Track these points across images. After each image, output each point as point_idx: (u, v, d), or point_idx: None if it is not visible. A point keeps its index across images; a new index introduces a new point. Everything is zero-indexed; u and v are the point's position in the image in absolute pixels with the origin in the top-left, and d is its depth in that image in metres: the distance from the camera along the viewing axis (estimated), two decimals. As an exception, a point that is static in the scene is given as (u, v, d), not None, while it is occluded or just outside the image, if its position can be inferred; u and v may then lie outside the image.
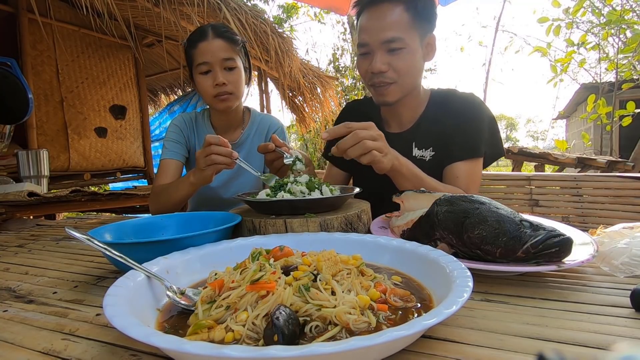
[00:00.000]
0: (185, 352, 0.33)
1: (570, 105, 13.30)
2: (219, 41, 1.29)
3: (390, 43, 1.07)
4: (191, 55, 1.32)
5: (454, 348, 0.41)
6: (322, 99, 4.83)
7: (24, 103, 2.23)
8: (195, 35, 1.32)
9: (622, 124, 4.39)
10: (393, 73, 1.10)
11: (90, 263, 0.84)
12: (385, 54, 1.09)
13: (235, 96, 1.34)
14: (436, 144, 1.19)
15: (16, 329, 0.51)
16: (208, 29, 1.30)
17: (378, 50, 1.09)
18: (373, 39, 1.08)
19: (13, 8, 3.01)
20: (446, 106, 1.20)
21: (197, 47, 1.29)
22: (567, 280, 0.61)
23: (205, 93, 1.32)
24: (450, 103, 1.20)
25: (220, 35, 1.29)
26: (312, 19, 10.08)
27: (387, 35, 1.06)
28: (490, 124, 1.19)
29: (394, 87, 1.12)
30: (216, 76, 1.28)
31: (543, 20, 4.80)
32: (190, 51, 1.32)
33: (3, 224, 1.43)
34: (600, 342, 0.41)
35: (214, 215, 0.91)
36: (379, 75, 1.10)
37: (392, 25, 1.06)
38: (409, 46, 1.08)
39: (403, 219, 0.79)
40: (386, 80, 1.11)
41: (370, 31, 1.09)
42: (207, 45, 1.28)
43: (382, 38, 1.07)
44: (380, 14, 1.08)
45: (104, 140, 3.74)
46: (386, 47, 1.08)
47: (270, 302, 0.43)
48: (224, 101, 1.32)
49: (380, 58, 1.08)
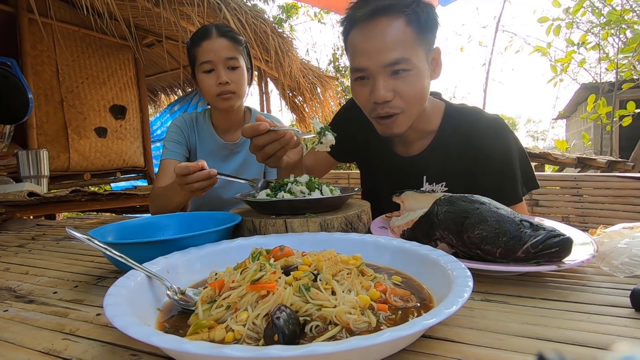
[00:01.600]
0: (186, 352, 0.33)
1: (570, 105, 13.30)
2: (223, 40, 1.29)
3: (394, 65, 0.90)
4: (194, 53, 1.32)
5: (454, 348, 0.41)
6: (322, 99, 4.84)
7: (24, 103, 2.23)
8: (199, 34, 1.32)
9: (622, 124, 4.39)
10: (400, 101, 0.93)
11: (91, 263, 0.84)
12: (388, 78, 0.91)
13: (238, 95, 1.34)
14: (451, 179, 1.03)
15: (16, 329, 0.51)
16: (212, 28, 1.31)
17: (380, 76, 0.91)
18: (373, 63, 0.91)
19: (13, 8, 3.01)
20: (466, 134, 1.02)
21: (201, 46, 1.29)
22: (567, 280, 0.61)
23: (208, 92, 1.32)
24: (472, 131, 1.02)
25: (223, 34, 1.30)
26: (312, 19, 10.08)
27: (389, 57, 0.89)
28: (522, 158, 1.03)
29: (401, 118, 0.95)
30: (219, 75, 1.28)
31: (543, 20, 4.80)
32: (193, 50, 1.32)
33: (3, 224, 1.43)
34: (600, 342, 0.41)
35: (214, 215, 0.91)
36: (384, 105, 0.93)
37: (394, 44, 0.89)
38: (416, 67, 0.91)
39: (403, 219, 0.79)
40: (392, 111, 0.94)
41: (369, 53, 0.91)
42: (210, 44, 1.28)
43: (384, 61, 0.89)
44: (378, 32, 0.90)
45: (104, 140, 3.74)
46: (389, 70, 0.91)
47: (270, 302, 0.43)
48: (226, 100, 1.32)
49: (384, 84, 0.91)
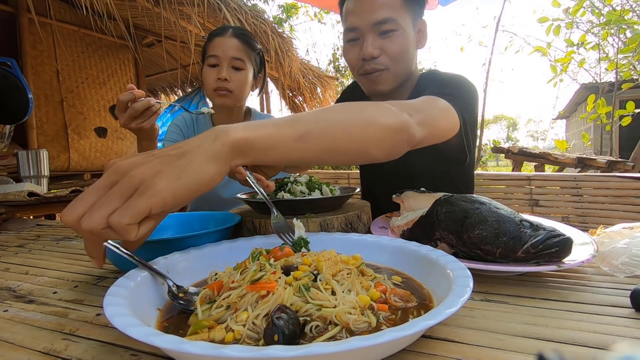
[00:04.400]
0: (185, 352, 0.33)
1: (570, 105, 13.31)
2: (234, 40, 1.33)
3: (382, 25, 0.99)
4: (206, 48, 1.37)
5: (454, 348, 0.41)
6: (322, 99, 4.84)
7: (24, 103, 2.23)
8: (216, 30, 1.37)
9: (622, 124, 4.39)
10: (386, 58, 1.02)
11: (91, 263, 0.84)
12: (376, 37, 1.00)
13: (235, 96, 1.35)
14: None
15: (16, 329, 0.51)
16: (229, 28, 1.36)
17: (369, 34, 1.00)
18: (362, 22, 1.00)
19: (13, 8, 3.01)
20: (424, 88, 1.05)
21: (213, 41, 1.34)
22: (567, 280, 0.61)
23: (207, 85, 1.36)
24: (431, 81, 1.07)
25: (237, 35, 1.35)
26: (312, 19, 10.08)
27: (378, 17, 0.98)
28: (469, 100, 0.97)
29: (386, 74, 1.03)
30: (221, 70, 1.32)
31: (543, 20, 4.79)
32: (207, 44, 1.37)
33: (3, 224, 1.43)
34: (600, 342, 0.41)
35: (214, 215, 0.91)
36: (371, 62, 1.01)
37: (383, 6, 0.99)
38: (401, 28, 1.00)
39: (403, 219, 0.79)
40: (378, 67, 1.02)
41: (359, 13, 1.00)
42: (221, 41, 1.33)
43: (372, 20, 0.99)
44: None
45: (104, 140, 3.74)
46: (377, 29, 1.00)
47: (270, 302, 0.43)
48: (221, 97, 1.34)
49: (372, 42, 1.00)
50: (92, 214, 0.40)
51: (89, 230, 0.39)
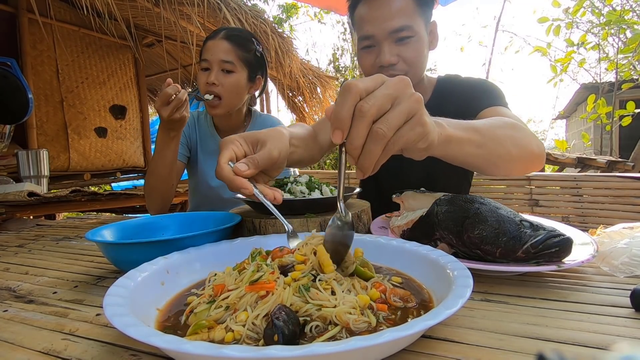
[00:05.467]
0: (185, 352, 0.33)
1: (570, 105, 13.29)
2: (224, 42, 1.30)
3: (399, 32, 1.00)
4: (201, 51, 1.36)
5: (454, 348, 0.41)
6: (322, 99, 4.83)
7: (24, 103, 2.23)
8: (211, 34, 1.35)
9: (622, 124, 4.39)
10: (403, 64, 1.03)
11: (90, 263, 0.84)
12: (393, 44, 1.02)
13: (224, 103, 1.31)
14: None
15: (16, 329, 0.51)
16: (222, 30, 1.34)
17: (385, 42, 1.01)
18: (378, 30, 1.01)
19: (13, 8, 3.01)
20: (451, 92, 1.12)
21: (206, 44, 1.33)
22: (567, 280, 0.61)
23: (200, 89, 1.35)
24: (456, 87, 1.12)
25: (228, 37, 1.31)
26: (312, 19, 10.08)
27: (394, 25, 0.99)
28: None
29: None
30: (209, 74, 1.29)
31: (543, 20, 4.79)
32: (202, 48, 1.36)
33: (3, 224, 1.43)
34: (600, 342, 0.41)
35: (214, 215, 0.91)
36: (389, 69, 1.02)
37: (398, 13, 0.99)
38: (417, 34, 1.02)
39: (403, 219, 0.79)
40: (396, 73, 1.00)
41: (375, 21, 1.01)
42: (212, 44, 1.31)
43: (389, 28, 1.00)
44: (383, 2, 1.01)
45: (104, 140, 3.74)
46: (394, 37, 1.01)
47: (270, 302, 0.43)
48: (210, 107, 1.32)
49: (389, 49, 1.01)
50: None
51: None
